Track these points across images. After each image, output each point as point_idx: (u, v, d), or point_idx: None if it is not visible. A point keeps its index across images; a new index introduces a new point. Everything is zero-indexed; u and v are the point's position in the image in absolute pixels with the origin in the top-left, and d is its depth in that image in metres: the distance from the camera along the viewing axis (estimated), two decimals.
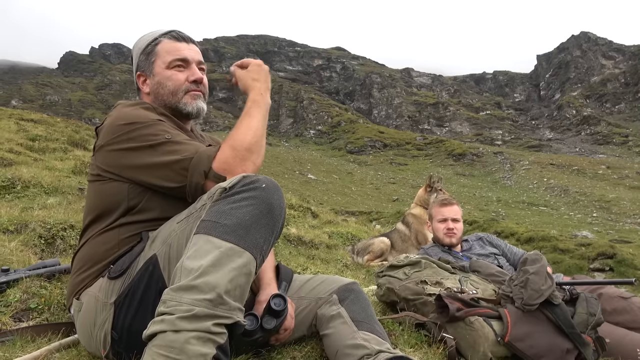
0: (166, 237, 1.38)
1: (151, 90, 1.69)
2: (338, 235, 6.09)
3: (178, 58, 1.67)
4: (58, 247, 2.87)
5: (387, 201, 38.45)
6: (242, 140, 1.44)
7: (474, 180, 52.66)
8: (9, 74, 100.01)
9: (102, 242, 1.50)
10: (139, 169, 1.46)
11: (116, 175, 1.50)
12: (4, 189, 4.04)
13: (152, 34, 1.72)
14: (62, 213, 3.44)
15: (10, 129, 8.82)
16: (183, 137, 1.51)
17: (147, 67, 1.69)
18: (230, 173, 1.39)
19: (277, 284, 1.65)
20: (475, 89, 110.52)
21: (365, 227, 8.64)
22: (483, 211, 33.69)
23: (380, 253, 4.95)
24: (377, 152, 69.38)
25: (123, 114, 1.52)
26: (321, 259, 4.53)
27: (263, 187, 1.29)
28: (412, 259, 2.47)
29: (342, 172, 54.97)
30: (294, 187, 35.32)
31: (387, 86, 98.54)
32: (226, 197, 1.27)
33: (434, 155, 65.72)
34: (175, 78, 1.66)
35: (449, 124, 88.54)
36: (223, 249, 1.19)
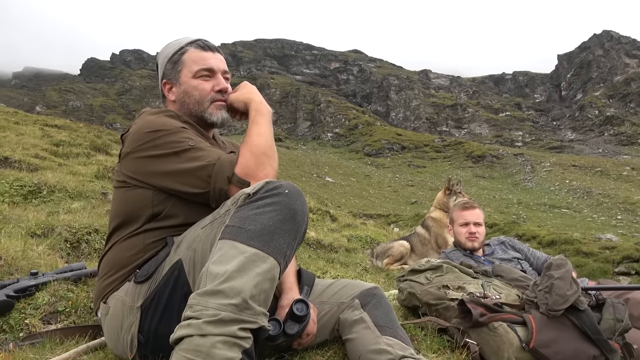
0: (191, 242, 1.40)
1: (177, 98, 1.72)
2: (357, 238, 6.08)
3: (204, 68, 1.70)
4: (83, 251, 2.93)
5: (405, 204, 38.21)
6: (258, 145, 1.50)
7: (493, 182, 51.98)
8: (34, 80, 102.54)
9: (128, 247, 1.52)
10: (163, 175, 1.48)
11: (141, 182, 1.53)
12: (31, 194, 4.14)
13: (178, 42, 1.75)
14: (86, 217, 3.51)
15: (35, 135, 9.04)
16: (206, 144, 1.54)
17: (174, 76, 1.72)
18: (252, 177, 1.42)
19: (299, 288, 1.66)
20: (495, 90, 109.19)
21: (384, 230, 8.60)
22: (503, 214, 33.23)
23: (400, 257, 4.92)
24: (395, 154, 69.02)
25: (148, 122, 1.55)
26: (340, 263, 4.53)
27: (286, 192, 1.30)
28: (433, 263, 2.45)
29: (359, 174, 54.82)
30: (312, 190, 35.35)
31: (405, 88, 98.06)
32: (250, 203, 1.29)
33: (453, 157, 65.07)
34: (201, 88, 1.69)
35: (467, 125, 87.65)
36: (248, 254, 1.21)
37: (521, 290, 2.27)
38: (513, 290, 2.28)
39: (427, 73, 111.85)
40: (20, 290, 1.92)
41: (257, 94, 1.69)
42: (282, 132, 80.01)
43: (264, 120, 1.59)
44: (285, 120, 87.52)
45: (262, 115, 1.61)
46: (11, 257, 2.22)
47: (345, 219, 8.11)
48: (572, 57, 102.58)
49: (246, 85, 1.74)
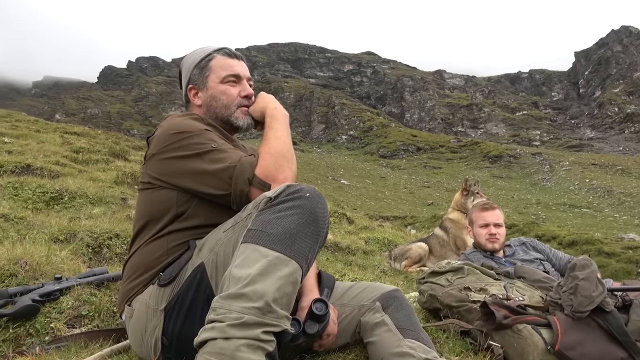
0: (213, 245, 1.42)
1: (203, 102, 1.75)
2: (374, 240, 6.06)
3: (231, 74, 1.75)
4: (104, 256, 2.97)
5: (421, 205, 38.00)
6: (276, 148, 1.52)
7: (511, 182, 51.39)
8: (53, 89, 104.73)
9: (151, 250, 1.54)
10: (186, 175, 1.51)
11: (165, 182, 1.56)
12: (53, 200, 4.22)
13: (204, 49, 1.80)
14: (107, 222, 3.56)
15: (55, 142, 9.22)
16: (228, 146, 1.56)
17: (201, 81, 1.76)
18: (272, 179, 1.44)
19: (319, 291, 1.66)
20: (511, 89, 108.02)
21: (401, 232, 8.56)
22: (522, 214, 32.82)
23: (418, 259, 4.89)
24: (411, 155, 68.73)
25: (173, 124, 1.59)
26: (358, 265, 4.52)
27: (307, 196, 1.30)
28: (454, 265, 2.42)
29: (375, 176, 54.70)
30: (328, 193, 35.36)
31: (419, 89, 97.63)
32: (271, 207, 1.30)
33: (469, 157, 64.53)
34: (228, 92, 1.74)
35: (484, 125, 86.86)
36: (270, 257, 1.21)
37: (544, 292, 2.23)
38: (536, 292, 2.24)
39: (442, 73, 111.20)
40: (45, 295, 1.95)
41: (272, 101, 1.72)
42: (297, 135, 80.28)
43: (280, 125, 1.62)
44: (300, 123, 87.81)
45: (277, 120, 1.63)
46: (36, 262, 2.26)
47: (362, 221, 8.09)
48: (589, 54, 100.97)
49: (261, 96, 1.77)
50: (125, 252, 3.02)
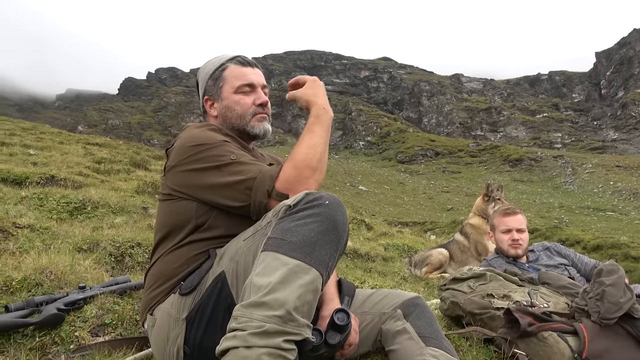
0: (233, 254, 1.42)
1: (219, 113, 1.76)
2: (394, 247, 6.02)
3: (245, 83, 1.74)
4: (127, 265, 3.01)
5: (441, 210, 37.63)
6: (304, 159, 1.48)
7: (533, 186, 50.57)
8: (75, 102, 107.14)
9: (172, 259, 1.56)
10: (206, 188, 1.52)
11: (185, 194, 1.57)
12: (77, 210, 4.31)
13: (218, 59, 1.80)
14: (129, 232, 3.62)
15: (78, 153, 9.42)
16: (247, 157, 1.56)
17: (215, 92, 1.77)
18: (293, 192, 1.42)
19: (339, 298, 1.65)
20: (530, 91, 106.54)
21: (421, 238, 8.49)
22: (545, 218, 32.24)
23: (439, 265, 4.85)
24: (429, 160, 68.21)
25: (192, 136, 1.60)
26: (378, 272, 4.49)
27: (326, 203, 1.30)
28: (476, 271, 2.39)
29: (393, 182, 54.42)
30: (346, 199, 35.30)
31: (437, 93, 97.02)
32: (291, 215, 1.30)
33: (489, 161, 63.75)
34: (243, 102, 1.74)
35: (503, 128, 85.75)
36: (290, 265, 1.21)
37: (570, 298, 2.19)
38: (561, 298, 2.20)
39: (459, 77, 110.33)
40: (69, 304, 1.99)
41: (321, 95, 1.64)
42: None
43: (321, 129, 1.56)
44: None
45: (321, 124, 1.57)
46: (60, 271, 2.31)
47: (381, 228, 8.06)
48: (611, 54, 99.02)
49: (314, 84, 1.67)
50: (146, 261, 3.06)
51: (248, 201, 1.47)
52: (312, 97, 1.64)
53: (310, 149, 1.50)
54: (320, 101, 1.62)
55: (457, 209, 38.09)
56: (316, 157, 1.49)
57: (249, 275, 1.27)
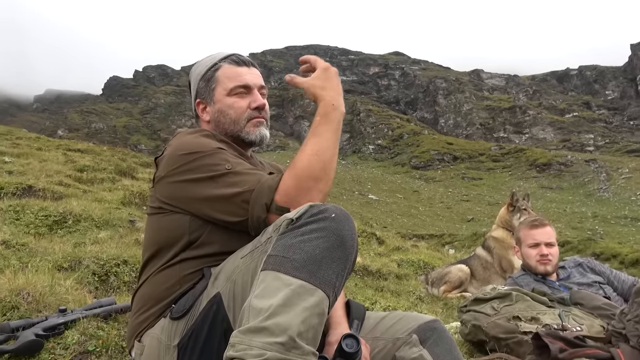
0: (230, 273, 1.42)
1: (212, 118, 1.77)
2: (408, 263, 6.01)
3: (239, 84, 1.74)
4: (112, 284, 3.02)
5: (460, 222, 37.56)
6: (306, 168, 1.46)
7: (563, 193, 50.40)
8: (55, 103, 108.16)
9: (162, 280, 1.56)
10: (199, 201, 1.52)
11: (176, 207, 1.57)
12: (57, 224, 4.32)
13: (211, 58, 1.81)
14: (114, 248, 3.63)
15: (58, 161, 9.48)
16: (244, 166, 1.56)
17: (207, 94, 1.77)
18: (294, 205, 1.40)
19: (348, 322, 1.64)
20: (559, 88, 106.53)
21: (438, 252, 8.47)
22: (576, 229, 32.11)
23: (459, 283, 4.83)
24: (446, 166, 68.20)
25: (183, 143, 1.60)
26: (391, 291, 4.48)
27: (332, 217, 1.30)
28: (500, 291, 2.38)
29: (406, 190, 54.41)
30: (354, 210, 35.30)
31: (454, 91, 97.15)
32: (293, 229, 1.30)
33: (513, 166, 63.66)
34: (237, 106, 1.73)
35: (529, 130, 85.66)
36: (293, 286, 1.21)
37: (606, 320, 2.18)
38: (596, 321, 2.19)
39: (479, 73, 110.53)
40: (49, 329, 1.99)
41: (332, 88, 1.58)
42: None
43: (328, 130, 1.51)
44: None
45: (329, 123, 1.52)
46: (39, 293, 2.31)
47: (394, 241, 8.04)
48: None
49: (325, 73, 1.61)
50: (134, 280, 3.06)
51: (245, 215, 1.47)
52: (320, 90, 1.59)
53: (314, 156, 1.48)
54: (330, 96, 1.57)
55: (479, 219, 38.01)
56: (321, 165, 1.47)
57: (247, 297, 1.27)
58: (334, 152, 1.51)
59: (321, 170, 1.47)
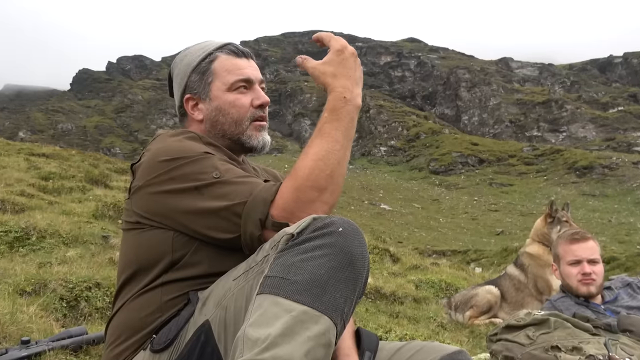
0: (220, 298, 1.42)
1: (206, 117, 1.76)
2: (427, 284, 6.01)
3: (241, 78, 1.73)
4: (82, 311, 3.03)
5: (488, 235, 37.50)
6: (308, 176, 1.44)
7: (607, 201, 50.28)
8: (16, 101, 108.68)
9: (141, 305, 1.56)
10: (183, 215, 1.52)
11: (157, 222, 1.57)
12: (18, 241, 4.34)
13: (202, 48, 1.80)
14: (85, 268, 3.64)
15: (20, 167, 9.52)
16: (235, 173, 1.54)
17: (202, 89, 1.76)
18: (294, 221, 1.39)
19: (358, 354, 1.64)
20: (601, 79, 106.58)
21: (463, 271, 8.47)
22: (624, 243, 32.00)
23: (488, 307, 4.82)
24: (471, 170, 68.20)
25: (164, 148, 1.60)
26: (408, 318, 4.48)
27: (340, 231, 1.30)
28: (536, 317, 2.38)
29: (425, 199, 54.41)
30: (364, 222, 35.29)
31: (479, 83, 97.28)
32: (294, 246, 1.29)
33: (549, 170, 63.60)
34: (239, 103, 1.73)
35: (566, 127, 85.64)
36: (295, 312, 1.20)
37: None
38: None
39: (508, 62, 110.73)
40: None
41: (345, 76, 1.54)
42: None
43: (337, 129, 1.49)
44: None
45: (338, 120, 1.49)
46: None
47: (411, 259, 8.04)
48: None
49: (338, 56, 1.56)
50: (108, 306, 3.07)
51: (237, 232, 1.46)
52: (331, 77, 1.54)
53: (318, 161, 1.46)
54: (342, 86, 1.53)
55: (510, 232, 37.94)
56: (327, 172, 1.45)
57: (241, 326, 1.27)
58: (344, 156, 1.49)
59: (327, 178, 1.45)
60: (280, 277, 1.25)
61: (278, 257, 1.30)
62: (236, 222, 1.45)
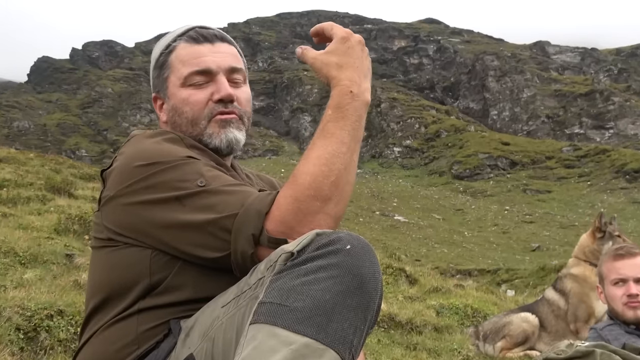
0: (207, 328, 1.42)
1: (168, 118, 1.80)
2: (451, 310, 6.00)
3: (196, 70, 1.73)
4: (42, 344, 3.03)
5: (522, 251, 37.44)
6: (310, 185, 1.44)
7: None
8: None
9: (114, 337, 1.56)
10: (163, 230, 1.52)
11: (133, 239, 1.57)
12: None
13: (168, 36, 1.84)
14: (45, 293, 3.64)
15: None
16: (224, 181, 1.54)
17: (161, 87, 1.81)
18: (294, 236, 1.39)
19: None
20: None
21: (493, 295, 8.45)
22: None
23: (523, 338, 4.81)
24: (501, 174, 68.16)
25: (140, 151, 1.60)
26: (427, 350, 4.48)
27: (347, 249, 1.30)
28: (579, 349, 2.38)
29: (447, 208, 54.36)
30: (375, 236, 35.25)
31: (510, 72, 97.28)
32: (294, 267, 1.29)
33: (594, 174, 63.53)
34: (193, 100, 1.73)
35: (614, 123, 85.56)
36: (295, 346, 1.20)
37: None
38: None
39: (544, 46, 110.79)
40: None
41: (351, 67, 1.56)
42: None
43: (343, 129, 1.50)
44: None
45: (345, 119, 1.51)
46: None
47: (430, 280, 8.05)
48: None
49: (343, 44, 1.59)
50: (73, 338, 3.07)
51: (226, 250, 1.45)
52: (335, 69, 1.56)
53: (322, 166, 1.45)
54: (347, 78, 1.54)
55: (547, 248, 37.88)
56: (331, 179, 1.45)
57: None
58: (351, 159, 1.50)
59: (332, 186, 1.45)
60: (278, 303, 1.26)
61: (275, 279, 1.30)
62: (225, 238, 1.45)
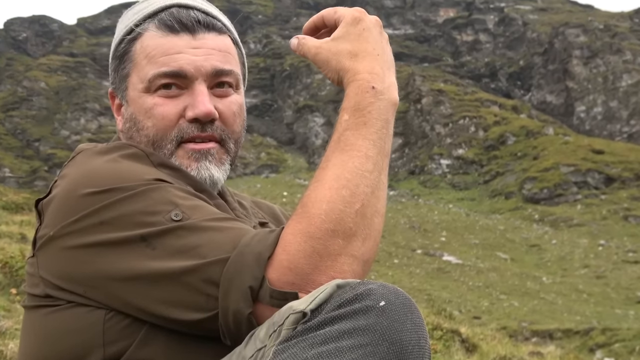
0: None
1: (124, 127, 1.80)
2: None
3: (165, 72, 1.70)
4: None
5: (624, 304, 37.26)
6: (328, 216, 1.41)
7: None
8: None
9: None
10: (122, 283, 1.50)
11: (80, 295, 1.57)
12: None
13: (137, 9, 1.80)
14: None
15: None
16: (207, 212, 1.53)
17: (119, 84, 1.81)
18: (307, 287, 1.39)
19: None
20: None
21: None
22: None
23: None
24: (592, 195, 68.04)
25: (90, 173, 1.59)
26: None
27: (381, 306, 1.29)
28: None
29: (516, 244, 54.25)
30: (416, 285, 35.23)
31: (603, 51, 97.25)
32: (307, 333, 1.29)
33: None
34: (158, 113, 1.71)
35: None
36: None
37: None
38: None
39: None
40: None
41: (369, 56, 1.56)
42: None
43: (365, 138, 1.48)
44: None
45: (367, 125, 1.49)
46: None
47: (495, 346, 8.02)
48: None
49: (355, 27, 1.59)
50: None
51: (213, 309, 1.44)
52: (348, 59, 1.57)
53: (340, 190, 1.43)
54: (366, 69, 1.54)
55: None
56: (355, 207, 1.42)
57: None
58: (379, 180, 1.49)
59: (357, 216, 1.43)
60: None
61: (281, 350, 1.30)
62: (211, 293, 1.44)
